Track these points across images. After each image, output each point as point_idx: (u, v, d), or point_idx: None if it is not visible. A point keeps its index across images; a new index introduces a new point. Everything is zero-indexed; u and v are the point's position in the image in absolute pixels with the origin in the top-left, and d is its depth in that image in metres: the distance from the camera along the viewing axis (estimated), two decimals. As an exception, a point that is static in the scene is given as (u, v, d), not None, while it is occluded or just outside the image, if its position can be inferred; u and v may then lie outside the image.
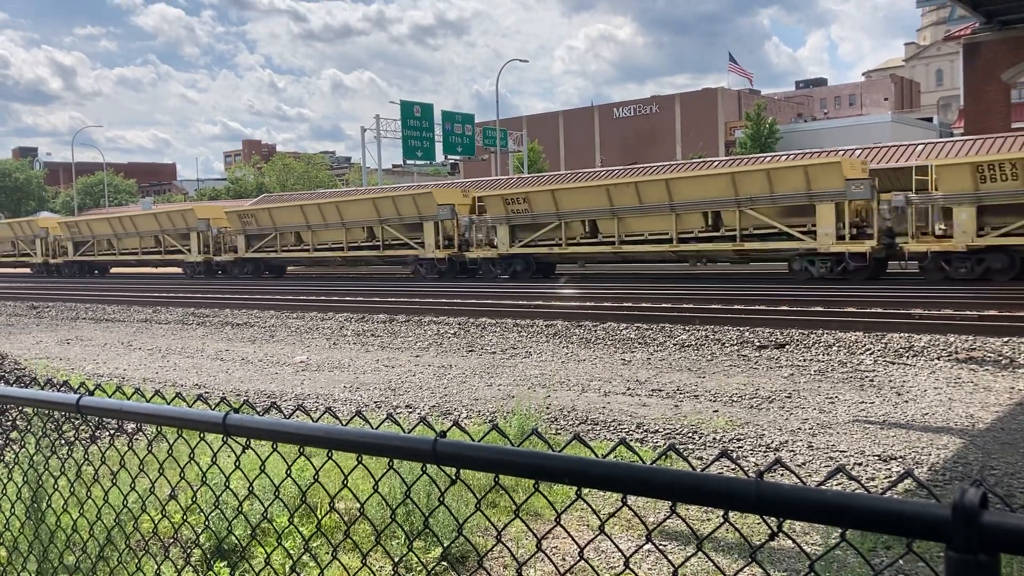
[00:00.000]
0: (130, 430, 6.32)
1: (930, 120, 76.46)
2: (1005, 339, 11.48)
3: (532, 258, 27.75)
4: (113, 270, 45.62)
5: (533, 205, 27.25)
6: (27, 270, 46.65)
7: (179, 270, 40.05)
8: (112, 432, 6.33)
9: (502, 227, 27.98)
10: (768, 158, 35.14)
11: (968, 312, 13.78)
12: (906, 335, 12.06)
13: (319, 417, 2.21)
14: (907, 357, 10.99)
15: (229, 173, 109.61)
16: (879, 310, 14.60)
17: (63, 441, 4.75)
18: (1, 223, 49.89)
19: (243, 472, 2.60)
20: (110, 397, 2.74)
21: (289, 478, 2.47)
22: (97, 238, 42.54)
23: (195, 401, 2.52)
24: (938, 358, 10.82)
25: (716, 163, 36.53)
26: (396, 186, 51.48)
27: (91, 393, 2.60)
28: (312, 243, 33.97)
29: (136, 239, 40.66)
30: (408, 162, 60.92)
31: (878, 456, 6.61)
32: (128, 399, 2.60)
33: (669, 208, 24.30)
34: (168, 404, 2.44)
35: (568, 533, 2.10)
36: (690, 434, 7.53)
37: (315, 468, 2.30)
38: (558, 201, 26.68)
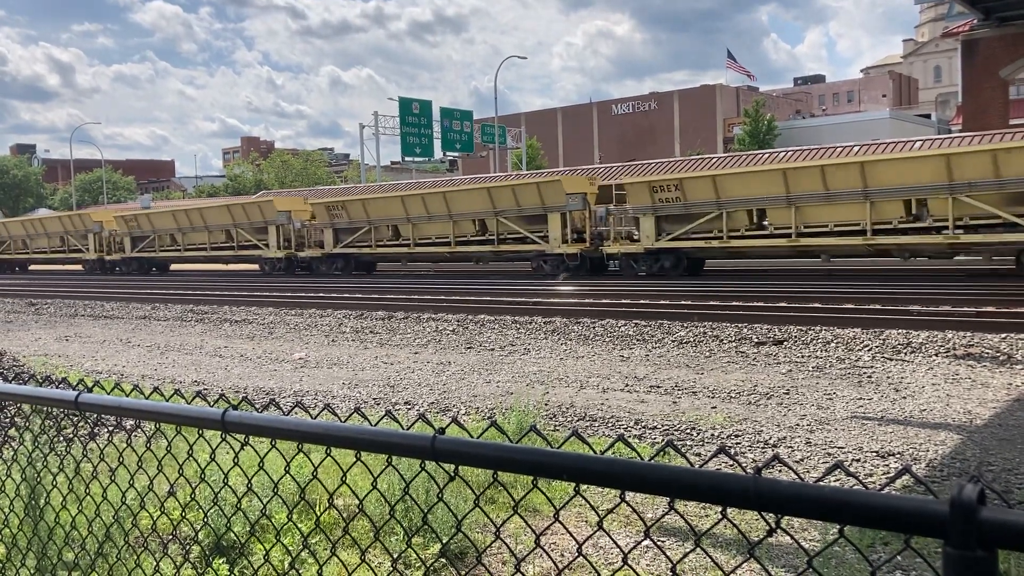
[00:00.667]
0: (128, 427, 6.32)
1: (928, 117, 76.44)
2: (1003, 335, 11.49)
3: (683, 253, 24.67)
4: (174, 267, 41.38)
5: (687, 193, 24.17)
6: (78, 267, 43.35)
7: (255, 267, 36.29)
8: (111, 429, 6.33)
9: (646, 218, 24.78)
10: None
11: (966, 308, 13.79)
12: (904, 331, 12.07)
13: (318, 414, 2.21)
14: (905, 353, 11.00)
15: (228, 170, 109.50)
16: (877, 307, 14.61)
17: (61, 438, 4.75)
18: (50, 216, 48.19)
19: (242, 469, 2.60)
20: (108, 394, 2.74)
21: (288, 475, 2.47)
22: (159, 232, 38.67)
23: (194, 398, 2.52)
24: (936, 354, 10.83)
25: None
26: (515, 174, 48.13)
27: (90, 390, 2.60)
28: (413, 237, 30.63)
29: (204, 233, 36.92)
30: (407, 159, 60.92)
31: (876, 452, 6.62)
32: (127, 396, 2.60)
33: (863, 195, 21.29)
34: (167, 401, 2.44)
35: (567, 529, 2.11)
36: (688, 430, 7.54)
37: (314, 465, 2.30)
38: (718, 187, 23.65)
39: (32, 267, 48.12)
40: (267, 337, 15.34)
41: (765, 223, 23.27)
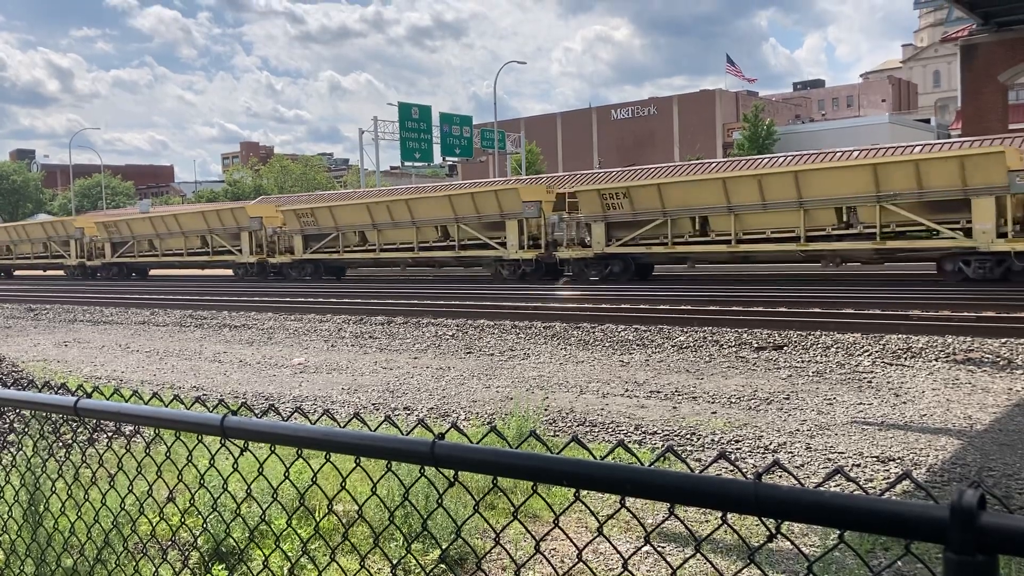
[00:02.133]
0: (128, 432, 6.31)
1: (928, 121, 76.57)
2: (1003, 340, 11.49)
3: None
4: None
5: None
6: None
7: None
8: (110, 435, 6.32)
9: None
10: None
11: (966, 313, 13.80)
12: (904, 336, 12.07)
13: (317, 419, 2.21)
14: (905, 358, 11.00)
15: (227, 175, 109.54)
16: (877, 311, 14.61)
17: (60, 443, 4.74)
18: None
19: (241, 474, 2.60)
20: (108, 399, 2.73)
21: (287, 480, 2.47)
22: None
23: (193, 403, 2.51)
24: (936, 359, 10.83)
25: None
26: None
27: (88, 395, 2.59)
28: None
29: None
30: (406, 164, 60.99)
31: (876, 457, 6.62)
32: (126, 401, 2.60)
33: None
34: (166, 406, 2.44)
35: (567, 535, 2.11)
36: (688, 436, 7.53)
37: (313, 470, 2.30)
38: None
39: (16, 272, 48.91)
40: (266, 342, 15.34)
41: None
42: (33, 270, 47.28)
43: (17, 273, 48.63)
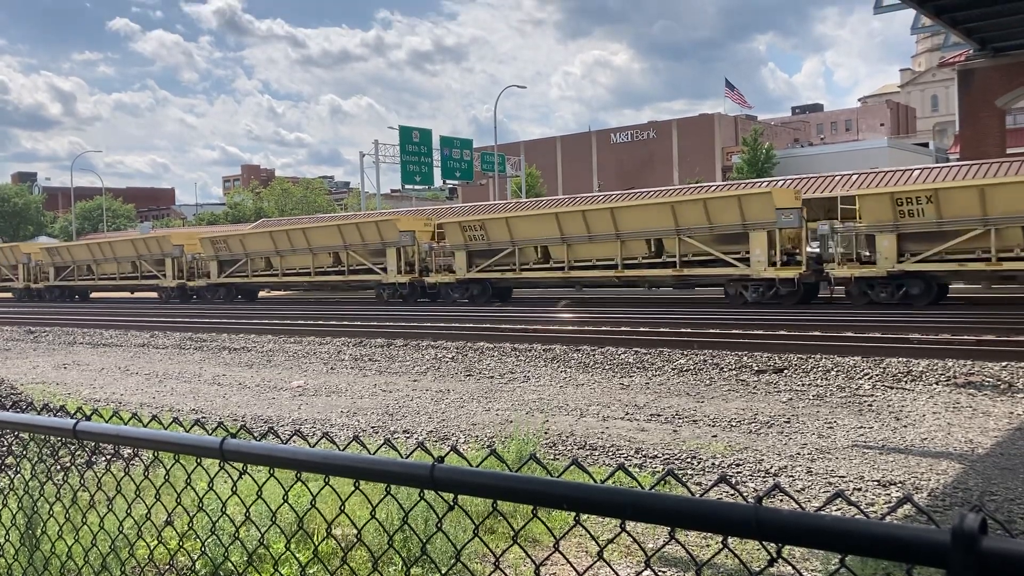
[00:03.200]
0: (126, 455, 6.29)
1: (926, 145, 76.85)
2: (1003, 364, 11.47)
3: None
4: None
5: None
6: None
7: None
8: (108, 457, 6.30)
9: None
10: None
11: (966, 336, 13.79)
12: (904, 360, 12.05)
13: (316, 442, 2.20)
14: (905, 382, 10.98)
15: (228, 198, 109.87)
16: (877, 335, 14.60)
17: (59, 467, 4.73)
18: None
19: (240, 498, 2.59)
20: (107, 422, 2.73)
21: (286, 504, 2.46)
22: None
23: (192, 426, 2.51)
24: (936, 383, 10.81)
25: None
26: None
27: (88, 418, 2.59)
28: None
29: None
30: (407, 187, 61.16)
31: (877, 481, 6.59)
32: (125, 424, 2.60)
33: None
34: (165, 429, 2.43)
35: (567, 559, 2.09)
36: (689, 459, 7.51)
37: (312, 494, 2.29)
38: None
39: (95, 295, 48.31)
40: (266, 365, 15.31)
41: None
42: (117, 292, 45.40)
43: (96, 296, 47.06)
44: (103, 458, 6.45)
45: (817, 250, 22.92)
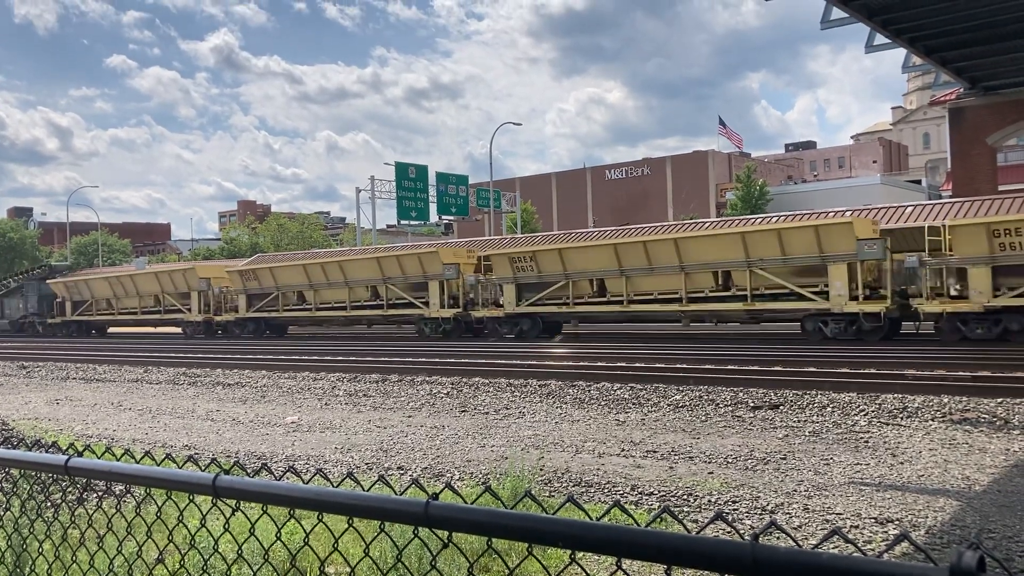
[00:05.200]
0: (118, 492, 6.23)
1: (919, 182, 77.46)
2: (999, 400, 11.46)
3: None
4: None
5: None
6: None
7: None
8: (100, 494, 6.24)
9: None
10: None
11: (961, 372, 13.79)
12: (900, 396, 12.04)
13: (310, 479, 2.19)
14: (901, 418, 10.95)
15: (224, 233, 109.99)
16: (872, 371, 14.59)
17: (49, 503, 4.68)
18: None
19: (232, 535, 2.56)
20: (99, 458, 2.71)
21: (279, 541, 2.43)
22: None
23: (185, 462, 2.49)
24: (932, 419, 10.79)
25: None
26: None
27: (80, 454, 2.57)
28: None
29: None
30: (402, 222, 61.33)
31: (874, 519, 6.55)
32: (117, 460, 2.57)
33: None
34: (158, 465, 2.41)
35: (562, 598, 2.07)
36: (685, 496, 7.46)
37: (305, 531, 2.27)
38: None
39: (113, 329, 45.27)
40: (260, 400, 15.24)
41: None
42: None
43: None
44: (95, 495, 6.39)
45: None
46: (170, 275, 38.33)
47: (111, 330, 43.91)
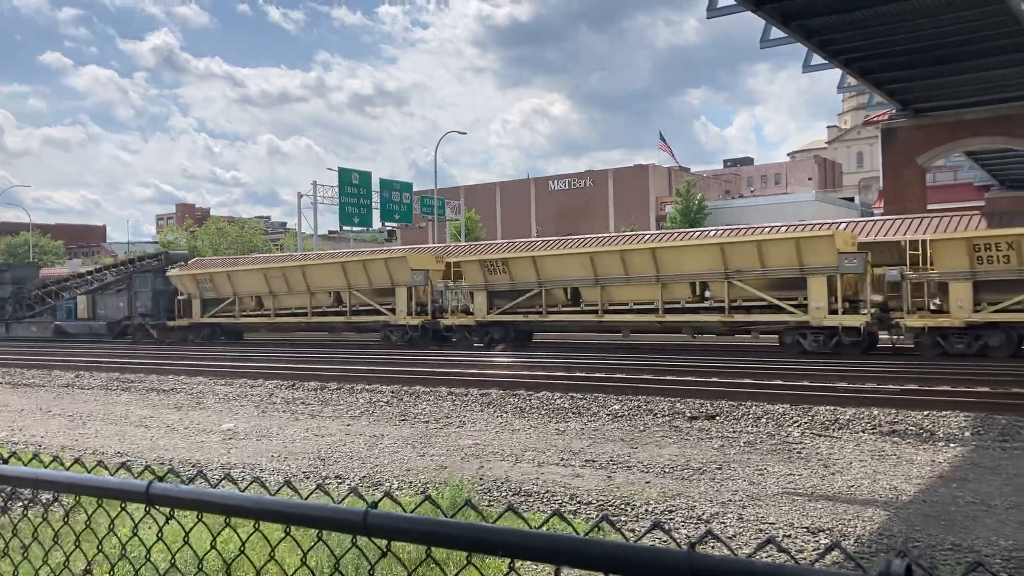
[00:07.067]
0: (45, 501, 6.05)
1: (852, 200, 79.59)
2: (925, 412, 11.80)
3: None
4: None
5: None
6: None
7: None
8: (25, 503, 6.06)
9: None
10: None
11: (890, 385, 14.17)
12: (832, 408, 12.32)
13: (247, 487, 2.16)
14: (833, 430, 11.21)
15: (161, 236, 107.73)
16: (806, 383, 14.90)
17: (-29, 512, 4.52)
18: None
19: (166, 544, 2.51)
20: (25, 465, 2.63)
21: (214, 550, 2.39)
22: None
23: (117, 469, 2.43)
24: (863, 431, 11.06)
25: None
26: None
27: (5, 461, 2.49)
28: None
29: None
30: (345, 228, 60.82)
31: (807, 528, 6.69)
32: (45, 467, 2.50)
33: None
34: (88, 472, 2.35)
35: (501, 607, 2.07)
36: (623, 505, 7.52)
37: (241, 540, 2.24)
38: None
39: (249, 335, 38.34)
40: (195, 407, 14.93)
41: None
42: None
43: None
44: (19, 503, 6.19)
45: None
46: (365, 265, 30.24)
47: (247, 336, 36.10)
